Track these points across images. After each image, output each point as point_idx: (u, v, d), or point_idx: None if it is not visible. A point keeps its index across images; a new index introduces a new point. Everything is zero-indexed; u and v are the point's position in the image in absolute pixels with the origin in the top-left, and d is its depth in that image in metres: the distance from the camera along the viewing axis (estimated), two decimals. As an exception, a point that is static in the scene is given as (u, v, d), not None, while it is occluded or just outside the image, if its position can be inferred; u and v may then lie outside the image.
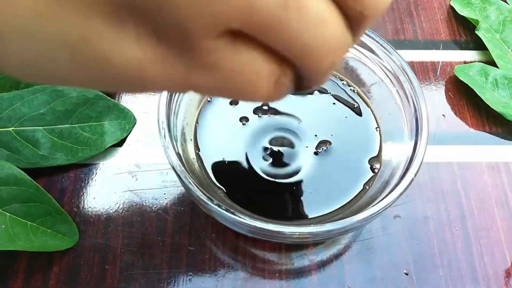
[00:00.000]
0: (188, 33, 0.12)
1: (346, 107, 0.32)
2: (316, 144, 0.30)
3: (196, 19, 0.12)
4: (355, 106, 0.32)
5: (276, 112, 0.31)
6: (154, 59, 0.13)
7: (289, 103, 0.31)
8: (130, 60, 0.13)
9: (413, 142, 0.27)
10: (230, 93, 0.14)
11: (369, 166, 0.29)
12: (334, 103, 0.32)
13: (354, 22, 0.14)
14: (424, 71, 0.38)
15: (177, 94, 0.28)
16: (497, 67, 0.37)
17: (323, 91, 0.32)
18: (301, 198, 0.28)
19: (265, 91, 0.14)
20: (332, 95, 0.32)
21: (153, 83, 0.14)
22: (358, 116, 0.31)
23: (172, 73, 0.13)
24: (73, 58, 0.13)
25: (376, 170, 0.29)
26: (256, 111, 0.31)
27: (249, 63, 0.13)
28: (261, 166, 0.29)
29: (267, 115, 0.31)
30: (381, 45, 0.30)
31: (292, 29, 0.12)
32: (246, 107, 0.31)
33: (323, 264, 0.29)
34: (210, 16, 0.12)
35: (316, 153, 0.29)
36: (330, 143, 0.30)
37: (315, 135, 0.30)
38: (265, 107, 0.31)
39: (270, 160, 0.29)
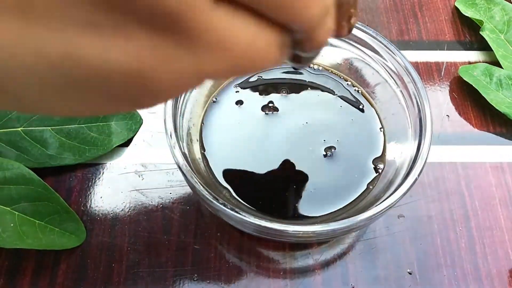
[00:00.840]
0: (177, 10, 0.11)
1: (351, 108, 0.32)
2: (321, 145, 0.30)
3: None
4: (360, 106, 0.32)
5: (281, 112, 0.31)
6: (154, 56, 0.11)
7: (295, 103, 0.32)
8: (125, 61, 0.11)
9: (417, 142, 0.27)
10: (244, 69, 0.13)
11: (373, 166, 0.29)
12: (341, 106, 0.32)
13: None
14: (428, 71, 0.38)
15: (183, 94, 0.29)
16: (502, 67, 0.37)
17: (330, 92, 0.32)
18: (306, 197, 0.28)
19: (273, 58, 0.13)
20: (338, 96, 0.32)
21: (163, 84, 0.12)
22: (362, 117, 0.31)
23: (181, 66, 0.12)
24: (62, 79, 0.11)
25: (380, 170, 0.29)
26: (263, 109, 0.31)
27: (252, 33, 0.12)
28: (266, 165, 0.29)
29: (273, 114, 0.31)
30: (385, 45, 0.30)
31: None
32: (252, 107, 0.31)
33: (327, 264, 0.29)
34: None
35: (321, 154, 0.30)
36: (335, 148, 0.30)
37: (323, 139, 0.30)
38: (271, 106, 0.31)
39: (275, 159, 0.30)
